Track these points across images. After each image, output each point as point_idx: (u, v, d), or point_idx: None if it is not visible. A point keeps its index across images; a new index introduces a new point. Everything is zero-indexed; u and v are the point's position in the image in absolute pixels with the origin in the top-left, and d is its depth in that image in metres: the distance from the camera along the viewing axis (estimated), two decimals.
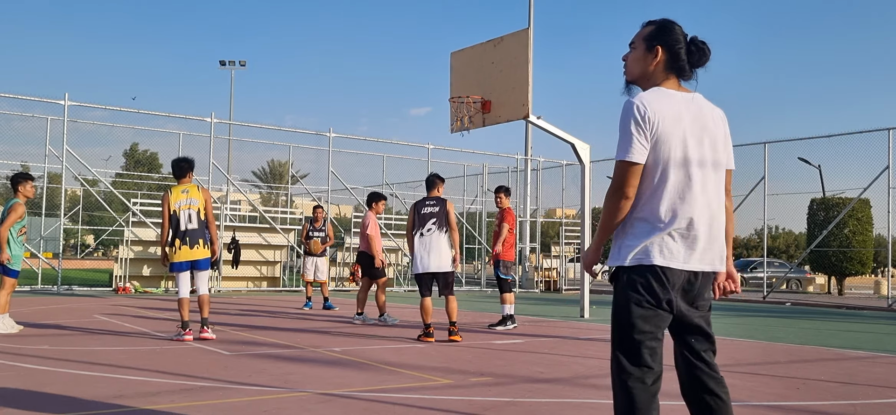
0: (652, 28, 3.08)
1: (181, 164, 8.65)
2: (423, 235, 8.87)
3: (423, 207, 9.01)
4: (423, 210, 8.98)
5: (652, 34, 3.06)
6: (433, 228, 8.87)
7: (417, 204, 9.08)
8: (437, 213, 8.94)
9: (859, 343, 10.10)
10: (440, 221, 8.90)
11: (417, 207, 9.04)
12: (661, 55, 3.04)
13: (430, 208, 8.98)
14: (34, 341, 8.08)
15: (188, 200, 8.48)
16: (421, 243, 8.86)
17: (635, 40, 3.11)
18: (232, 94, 56.17)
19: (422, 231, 8.88)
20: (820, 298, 23.07)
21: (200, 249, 8.48)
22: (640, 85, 3.10)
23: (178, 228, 8.46)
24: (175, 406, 4.87)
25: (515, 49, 12.46)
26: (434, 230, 8.87)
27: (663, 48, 3.04)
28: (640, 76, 3.09)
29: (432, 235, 8.85)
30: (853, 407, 5.46)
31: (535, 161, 26.43)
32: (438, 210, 8.95)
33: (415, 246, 8.90)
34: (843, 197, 23.99)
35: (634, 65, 3.10)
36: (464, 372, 6.61)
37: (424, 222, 8.91)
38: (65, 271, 19.13)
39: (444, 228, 8.91)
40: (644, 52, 3.07)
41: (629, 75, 3.13)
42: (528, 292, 23.33)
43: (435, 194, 9.18)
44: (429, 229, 8.87)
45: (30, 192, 9.23)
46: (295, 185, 31.22)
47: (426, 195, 9.22)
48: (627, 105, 2.92)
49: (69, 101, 17.15)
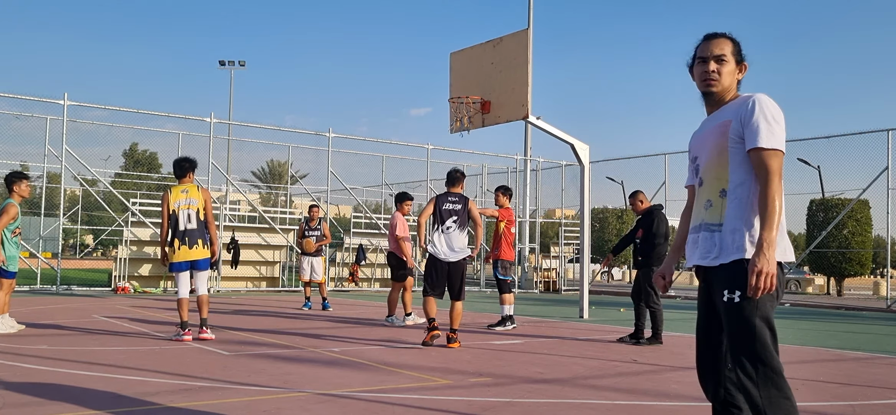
0: (736, 43, 3.22)
1: (182, 164, 8.62)
2: (442, 232, 8.41)
3: (444, 202, 8.52)
4: (445, 206, 8.49)
5: (739, 49, 3.21)
6: (453, 227, 8.42)
7: (439, 198, 8.56)
8: (459, 211, 8.49)
9: (858, 344, 10.10)
10: (462, 221, 8.48)
11: (439, 201, 8.53)
12: (745, 69, 3.22)
13: (452, 205, 8.51)
14: (33, 341, 8.07)
15: (188, 200, 8.47)
16: (439, 239, 8.39)
17: (724, 53, 3.17)
18: (231, 94, 56.27)
19: (441, 228, 8.42)
20: (819, 298, 23.07)
21: (200, 250, 8.46)
22: (722, 96, 3.20)
23: (177, 228, 8.44)
24: (175, 406, 4.87)
25: (515, 49, 12.47)
26: (454, 228, 8.43)
27: (746, 64, 3.22)
28: (728, 88, 3.19)
29: (451, 233, 8.41)
30: (852, 408, 5.46)
31: (535, 161, 26.44)
32: (460, 208, 8.51)
33: (432, 238, 8.46)
34: (843, 198, 24.01)
35: (729, 77, 3.18)
36: (463, 372, 6.61)
37: (444, 219, 8.45)
38: (64, 271, 19.12)
39: (464, 227, 8.51)
40: (735, 65, 3.19)
41: (719, 86, 3.19)
42: (527, 293, 23.33)
43: (457, 191, 8.68)
44: (448, 227, 8.42)
45: (25, 191, 9.19)
46: (294, 185, 31.21)
47: (448, 190, 8.68)
48: (769, 99, 3.04)
49: (69, 101, 17.14)
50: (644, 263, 9.33)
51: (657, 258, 9.25)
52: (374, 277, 23.92)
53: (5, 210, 8.79)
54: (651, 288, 9.24)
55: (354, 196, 24.56)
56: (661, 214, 9.56)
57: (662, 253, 9.31)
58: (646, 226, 9.41)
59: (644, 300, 9.30)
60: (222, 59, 43.85)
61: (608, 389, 6.04)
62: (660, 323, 9.20)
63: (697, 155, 3.26)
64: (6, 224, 8.76)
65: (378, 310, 14.07)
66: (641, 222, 9.53)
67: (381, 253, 23.99)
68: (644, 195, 9.82)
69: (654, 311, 9.21)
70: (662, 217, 9.51)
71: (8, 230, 8.85)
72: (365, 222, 25.09)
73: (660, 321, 9.21)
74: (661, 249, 9.31)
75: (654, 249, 9.28)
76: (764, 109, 3.00)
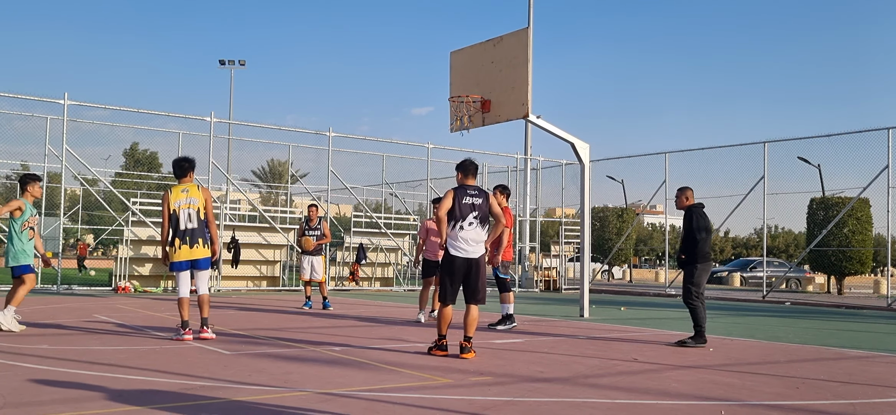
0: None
1: (182, 163, 8.63)
2: (463, 227, 7.57)
3: (464, 195, 7.65)
4: (465, 200, 7.63)
5: None
6: (474, 223, 7.62)
7: (458, 191, 7.67)
8: (481, 206, 7.67)
9: (858, 343, 10.10)
10: (483, 216, 7.71)
11: (458, 194, 7.64)
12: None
13: (473, 199, 7.66)
14: (34, 341, 8.08)
15: (188, 199, 8.47)
16: (457, 236, 7.58)
17: None
18: (232, 94, 56.22)
19: (462, 224, 7.57)
20: (819, 297, 23.07)
21: (200, 249, 8.47)
22: None
23: (177, 228, 8.44)
24: (175, 406, 4.87)
25: (515, 48, 12.46)
26: (475, 225, 7.63)
27: None
28: None
29: (473, 229, 7.62)
30: (852, 407, 5.47)
31: (535, 160, 26.43)
32: (481, 202, 7.69)
33: (448, 236, 7.64)
34: (843, 196, 23.97)
35: None
36: (463, 372, 6.61)
37: (465, 214, 7.60)
38: (64, 271, 19.11)
39: (485, 224, 7.76)
40: None
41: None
42: (527, 292, 23.32)
43: (475, 183, 7.92)
44: (470, 223, 7.60)
45: (37, 192, 9.47)
46: (294, 184, 31.20)
47: (464, 183, 7.81)
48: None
49: (69, 101, 17.13)
50: (687, 262, 9.12)
51: (701, 256, 9.02)
52: (375, 277, 23.93)
53: (7, 203, 9.15)
54: (691, 285, 9.06)
55: (355, 195, 24.56)
56: (701, 210, 9.29)
57: (705, 250, 9.08)
58: (685, 224, 9.27)
59: (684, 298, 9.17)
60: (222, 59, 43.88)
61: (609, 387, 6.04)
62: (702, 321, 8.97)
63: None
64: (3, 213, 9.12)
65: (378, 309, 14.08)
66: (684, 221, 9.37)
67: (382, 252, 24.00)
68: (691, 192, 9.50)
69: (695, 308, 9.01)
70: (702, 213, 9.25)
71: (17, 224, 9.03)
72: (365, 222, 25.09)
73: (701, 319, 8.98)
74: (704, 245, 9.07)
75: (695, 246, 9.06)
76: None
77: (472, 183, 7.83)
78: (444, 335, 7.64)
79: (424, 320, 11.28)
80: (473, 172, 7.88)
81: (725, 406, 5.37)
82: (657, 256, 63.42)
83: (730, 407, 5.36)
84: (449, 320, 7.64)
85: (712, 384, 6.28)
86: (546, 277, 25.60)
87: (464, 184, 7.79)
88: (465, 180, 7.81)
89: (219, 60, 44.23)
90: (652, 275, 47.66)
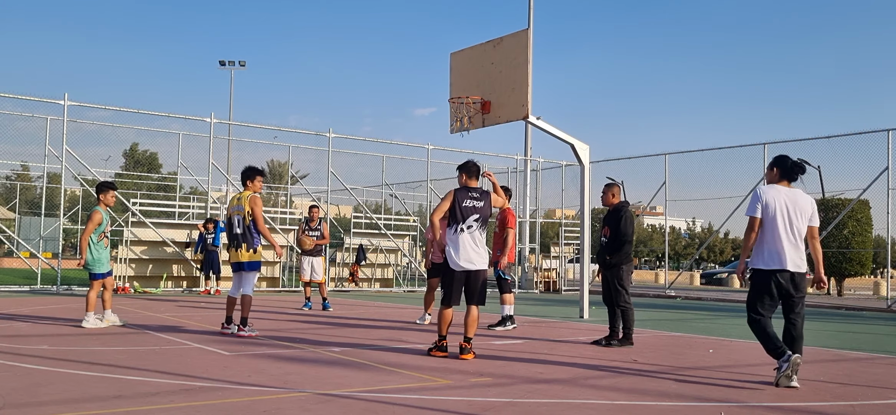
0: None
1: (243, 173, 9.36)
2: (463, 231, 7.50)
3: (465, 197, 7.59)
4: (466, 202, 7.56)
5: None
6: (474, 226, 7.56)
7: (459, 192, 7.60)
8: (482, 208, 7.62)
9: (858, 344, 10.11)
10: (484, 219, 7.65)
11: (459, 196, 7.57)
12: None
13: (474, 202, 7.59)
14: (34, 341, 8.08)
15: (237, 207, 9.25)
16: (458, 240, 7.51)
17: None
18: (232, 94, 56.27)
19: (462, 226, 7.50)
20: (819, 298, 23.07)
21: (243, 253, 9.16)
22: None
23: (229, 233, 9.30)
24: (174, 406, 4.87)
25: (515, 49, 12.47)
26: (475, 228, 7.56)
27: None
28: None
29: (473, 232, 7.55)
30: (852, 407, 5.47)
31: (535, 161, 26.43)
32: (483, 205, 7.63)
33: (448, 240, 7.60)
34: (843, 198, 23.98)
35: None
36: (463, 372, 6.61)
37: (466, 216, 7.53)
38: (64, 271, 19.11)
39: (485, 226, 7.70)
40: None
41: None
42: (527, 293, 23.32)
43: (477, 185, 7.83)
44: (470, 226, 7.53)
45: (111, 200, 9.94)
46: (295, 185, 31.21)
47: (466, 184, 7.74)
48: None
49: (69, 101, 17.13)
50: (614, 263, 8.85)
51: (625, 258, 8.84)
52: (374, 278, 23.92)
53: (90, 218, 9.73)
54: (621, 287, 8.89)
55: (355, 196, 24.57)
56: (630, 212, 9.02)
57: (629, 252, 8.90)
58: (613, 223, 8.91)
59: (614, 300, 8.95)
60: (223, 59, 43.90)
61: (608, 389, 6.04)
62: (631, 323, 8.94)
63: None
64: (91, 231, 9.60)
65: (378, 310, 14.08)
66: (608, 219, 9.01)
67: (382, 254, 24.00)
68: (618, 189, 9.19)
69: (625, 310, 8.92)
70: (630, 216, 8.98)
71: (94, 236, 9.64)
72: (365, 222, 25.09)
73: (631, 321, 8.94)
74: (628, 248, 8.87)
75: (621, 248, 8.81)
76: None
77: (475, 184, 7.77)
78: (444, 336, 7.61)
79: (429, 322, 11.20)
80: (476, 174, 7.81)
81: (725, 407, 5.37)
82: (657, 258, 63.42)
83: (730, 408, 5.36)
84: (449, 321, 7.61)
85: (712, 385, 6.28)
86: (546, 278, 25.60)
87: (466, 185, 7.74)
88: (467, 182, 7.75)
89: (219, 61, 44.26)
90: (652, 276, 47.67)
